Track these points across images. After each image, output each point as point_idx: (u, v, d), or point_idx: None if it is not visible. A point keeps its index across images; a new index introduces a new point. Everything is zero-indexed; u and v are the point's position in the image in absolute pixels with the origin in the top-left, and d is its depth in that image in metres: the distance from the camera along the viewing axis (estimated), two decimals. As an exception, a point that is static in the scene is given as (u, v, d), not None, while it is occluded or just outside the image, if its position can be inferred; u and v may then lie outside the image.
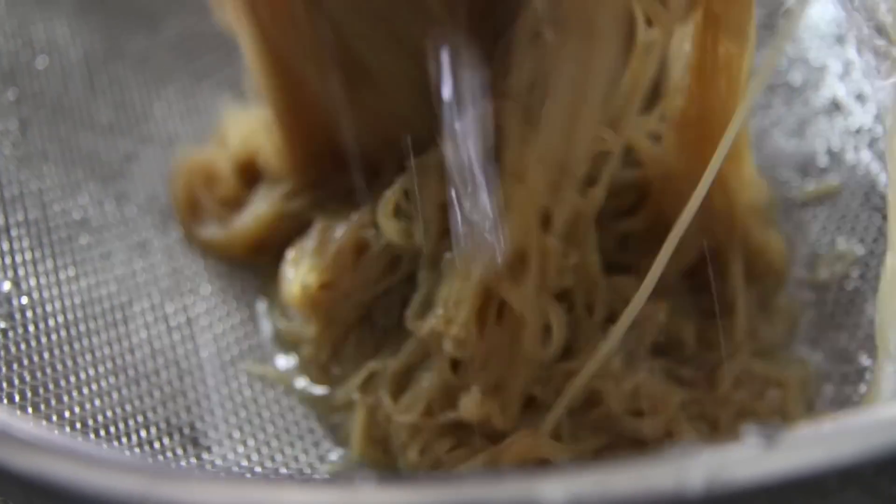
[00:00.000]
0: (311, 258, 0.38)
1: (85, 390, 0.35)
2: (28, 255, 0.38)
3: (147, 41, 0.49)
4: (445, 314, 0.34)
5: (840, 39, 0.45)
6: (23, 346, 0.35)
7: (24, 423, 0.21)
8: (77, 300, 0.38)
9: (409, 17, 0.35)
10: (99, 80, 0.46)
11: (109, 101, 0.46)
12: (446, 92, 0.30)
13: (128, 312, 0.39)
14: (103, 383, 0.36)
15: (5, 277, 0.37)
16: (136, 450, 0.34)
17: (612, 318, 0.35)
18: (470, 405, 0.34)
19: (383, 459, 0.37)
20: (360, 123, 0.38)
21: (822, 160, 0.44)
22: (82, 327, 0.37)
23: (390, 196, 0.37)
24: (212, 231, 0.44)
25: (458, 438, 0.35)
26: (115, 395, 0.35)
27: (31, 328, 0.36)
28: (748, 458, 0.18)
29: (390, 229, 0.37)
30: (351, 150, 0.37)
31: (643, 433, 0.35)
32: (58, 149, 0.43)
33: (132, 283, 0.40)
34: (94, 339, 0.37)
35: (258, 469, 0.36)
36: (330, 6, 0.36)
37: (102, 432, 0.34)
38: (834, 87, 0.45)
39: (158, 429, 0.36)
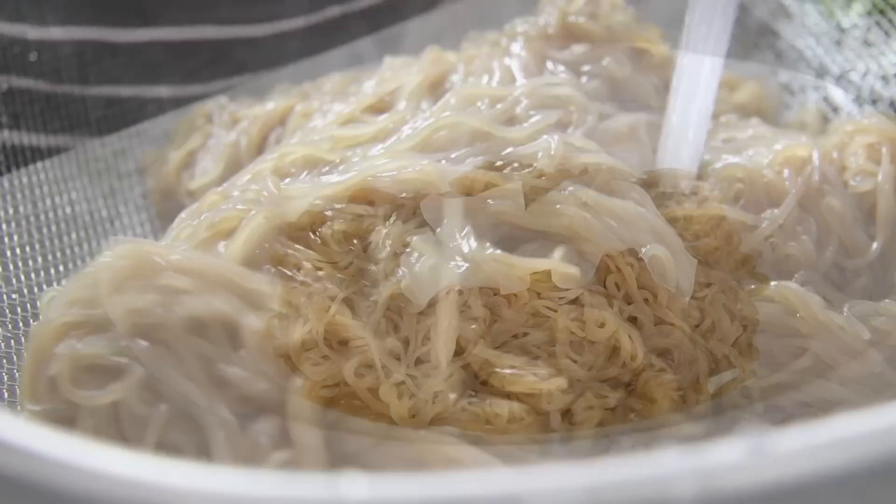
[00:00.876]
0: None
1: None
2: (18, 251, 0.38)
3: (139, 37, 0.48)
4: None
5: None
6: (12, 343, 0.35)
7: (12, 420, 0.21)
8: (67, 296, 0.38)
9: None
10: (91, 75, 0.46)
11: (101, 96, 0.46)
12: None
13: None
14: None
15: (-5, 273, 0.37)
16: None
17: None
18: None
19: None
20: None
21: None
22: (72, 324, 0.37)
23: None
24: None
25: None
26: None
27: (21, 325, 0.35)
28: (739, 466, 0.18)
29: None
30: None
31: None
32: (49, 143, 0.43)
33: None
34: (84, 336, 0.37)
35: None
36: None
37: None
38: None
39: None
